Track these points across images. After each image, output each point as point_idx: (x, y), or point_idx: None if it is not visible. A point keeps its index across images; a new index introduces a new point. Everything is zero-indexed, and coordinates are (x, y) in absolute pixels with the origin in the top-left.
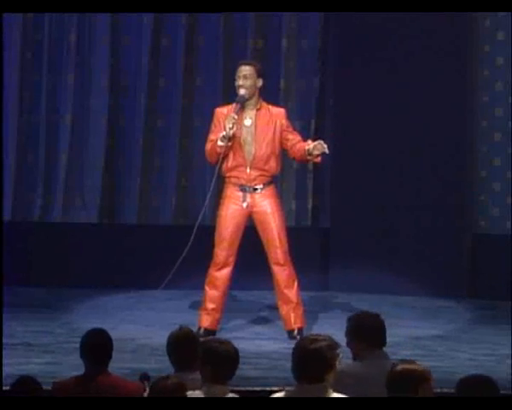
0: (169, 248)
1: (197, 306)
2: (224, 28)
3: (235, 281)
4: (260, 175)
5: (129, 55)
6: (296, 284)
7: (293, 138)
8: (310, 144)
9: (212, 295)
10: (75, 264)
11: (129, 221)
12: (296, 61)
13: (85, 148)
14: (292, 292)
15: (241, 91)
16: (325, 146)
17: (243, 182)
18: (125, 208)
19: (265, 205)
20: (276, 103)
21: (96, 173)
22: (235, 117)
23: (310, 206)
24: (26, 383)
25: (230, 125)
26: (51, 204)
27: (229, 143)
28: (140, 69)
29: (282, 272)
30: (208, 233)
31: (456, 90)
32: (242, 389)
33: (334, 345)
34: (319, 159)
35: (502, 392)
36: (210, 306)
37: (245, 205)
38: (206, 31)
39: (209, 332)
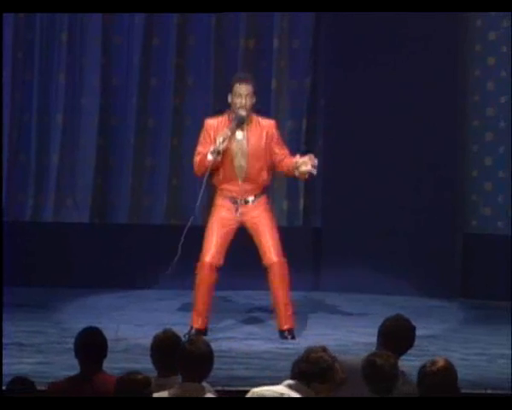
0: (160, 247)
1: (188, 306)
2: (215, 28)
3: (227, 281)
4: (252, 188)
5: (120, 55)
6: (287, 285)
7: (282, 153)
8: (298, 160)
9: (202, 296)
10: (67, 264)
11: (120, 221)
12: (288, 60)
13: (77, 147)
14: (283, 293)
15: (242, 112)
16: (315, 161)
17: (235, 194)
18: (117, 208)
19: (257, 212)
20: (268, 104)
21: (87, 173)
22: (229, 133)
23: (301, 206)
24: (20, 383)
25: (221, 140)
26: (43, 204)
27: (219, 158)
28: (131, 69)
29: (276, 272)
30: (199, 234)
31: (447, 90)
32: (233, 389)
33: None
34: (306, 176)
35: (501, 392)
36: (200, 307)
37: (237, 215)
38: (198, 30)
39: (200, 332)
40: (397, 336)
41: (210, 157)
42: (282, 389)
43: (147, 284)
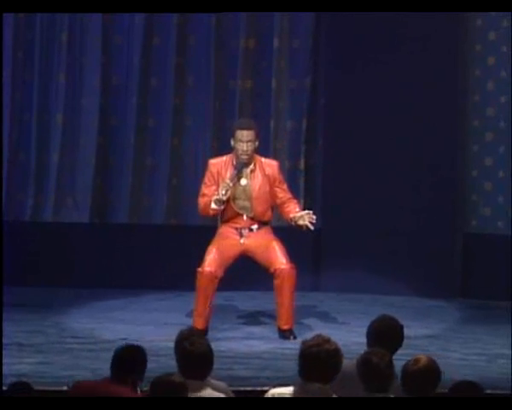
0: (160, 247)
1: (188, 305)
2: (215, 28)
3: (229, 281)
4: (256, 221)
5: (120, 55)
6: (293, 288)
7: (283, 196)
8: (296, 214)
9: (202, 302)
10: (67, 264)
11: (120, 221)
12: (288, 60)
13: (77, 147)
14: (289, 295)
15: (244, 159)
16: (313, 217)
17: (239, 226)
18: (117, 208)
19: (260, 236)
20: (268, 104)
21: (87, 173)
22: (230, 185)
23: (302, 206)
24: (20, 388)
25: (223, 192)
26: (43, 204)
27: (222, 207)
28: (131, 69)
29: (286, 276)
30: (199, 234)
31: (447, 90)
32: (234, 388)
33: (339, 349)
34: (304, 228)
35: (500, 392)
36: (201, 310)
37: (242, 241)
38: (198, 30)
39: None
40: (385, 336)
41: (214, 206)
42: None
43: (147, 283)
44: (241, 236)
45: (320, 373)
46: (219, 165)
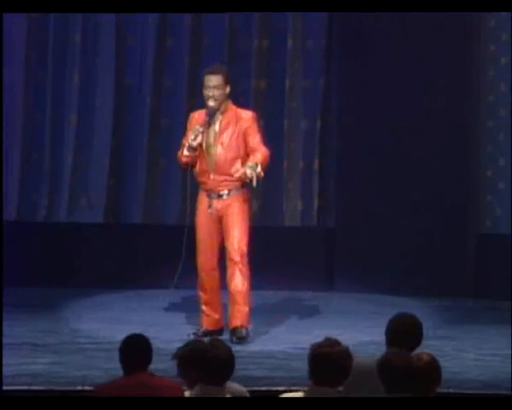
0: (174, 247)
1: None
2: (228, 28)
3: None
4: (224, 180)
5: (134, 55)
6: (245, 286)
7: (252, 146)
8: (248, 163)
9: (206, 298)
10: (80, 264)
11: (134, 221)
12: (301, 61)
13: (90, 147)
14: (238, 293)
15: (211, 103)
16: (260, 173)
17: (208, 187)
18: (131, 208)
19: (230, 211)
20: (282, 104)
21: (101, 173)
22: (200, 129)
23: (315, 206)
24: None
25: (193, 137)
26: (56, 204)
27: (196, 153)
28: (145, 69)
29: (234, 271)
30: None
31: (461, 90)
32: (248, 389)
33: (350, 352)
34: (243, 177)
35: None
36: (205, 308)
37: (209, 211)
38: (211, 31)
39: (208, 333)
40: (405, 333)
41: (186, 152)
42: None
43: (161, 284)
44: (210, 206)
45: (330, 376)
46: (198, 115)
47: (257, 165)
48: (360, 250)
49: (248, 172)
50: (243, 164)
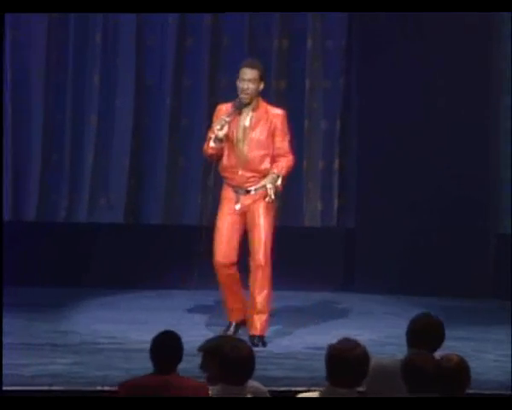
0: (193, 248)
1: (219, 304)
2: (248, 28)
3: None
4: (253, 177)
5: (154, 56)
6: (267, 291)
7: (280, 148)
8: (267, 178)
9: (228, 293)
10: (100, 264)
11: (154, 221)
12: (321, 61)
13: (110, 148)
14: (260, 298)
15: (243, 98)
16: (271, 196)
17: (236, 183)
18: (151, 208)
19: (256, 208)
20: (301, 104)
21: (121, 173)
22: (227, 119)
23: (335, 206)
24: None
25: (219, 127)
26: (76, 205)
27: (222, 145)
28: (165, 69)
29: (258, 275)
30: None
31: (480, 91)
32: (268, 389)
33: (367, 353)
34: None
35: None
36: (230, 303)
37: (237, 207)
38: (231, 31)
39: (239, 326)
40: (427, 333)
41: (212, 144)
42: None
43: (180, 284)
44: (237, 202)
45: (348, 378)
46: (226, 107)
47: (278, 177)
48: (380, 250)
49: (268, 186)
50: (272, 162)
